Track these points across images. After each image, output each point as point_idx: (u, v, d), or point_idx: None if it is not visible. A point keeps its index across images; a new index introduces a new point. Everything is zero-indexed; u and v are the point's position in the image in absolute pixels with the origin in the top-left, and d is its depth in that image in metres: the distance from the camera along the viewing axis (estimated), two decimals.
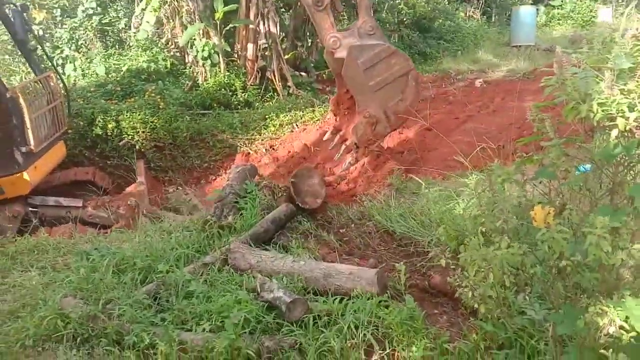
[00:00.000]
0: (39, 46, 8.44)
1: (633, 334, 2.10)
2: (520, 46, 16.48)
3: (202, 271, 4.24)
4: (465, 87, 11.95)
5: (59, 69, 11.80)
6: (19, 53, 11.99)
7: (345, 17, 14.02)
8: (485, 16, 20.45)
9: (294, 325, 3.47)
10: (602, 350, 2.16)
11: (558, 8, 22.15)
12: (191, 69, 11.85)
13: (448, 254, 3.11)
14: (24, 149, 6.71)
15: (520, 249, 2.42)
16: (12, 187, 6.69)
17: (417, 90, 6.51)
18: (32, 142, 6.78)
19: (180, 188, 7.52)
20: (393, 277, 4.14)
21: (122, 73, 11.35)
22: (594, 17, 20.53)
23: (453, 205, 4.80)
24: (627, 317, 2.07)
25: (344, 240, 5.22)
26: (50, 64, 9.88)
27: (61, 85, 8.27)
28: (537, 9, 19.55)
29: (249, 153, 9.83)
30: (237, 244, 4.51)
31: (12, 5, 7.46)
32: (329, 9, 6.11)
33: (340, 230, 5.47)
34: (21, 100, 6.67)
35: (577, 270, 2.33)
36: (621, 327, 2.10)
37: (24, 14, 7.53)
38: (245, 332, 3.43)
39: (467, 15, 19.70)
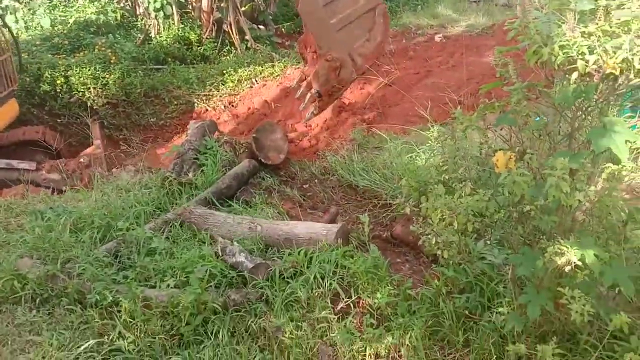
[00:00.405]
0: None
1: (587, 271, 2.20)
2: (479, 1, 16.49)
3: (163, 228, 4.16)
4: (425, 42, 11.92)
5: None
6: None
7: None
8: None
9: None
10: (558, 289, 2.26)
11: None
12: (143, 21, 11.27)
13: (411, 203, 3.15)
14: None
15: (485, 196, 2.47)
16: None
17: (386, 27, 5.86)
18: None
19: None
20: (357, 229, 4.20)
21: (68, 25, 10.67)
22: None
23: (415, 157, 4.86)
24: (582, 256, 2.16)
25: (308, 196, 5.23)
26: None
27: (7, 37, 7.62)
28: None
29: (206, 110, 9.57)
30: (195, 206, 4.38)
31: None
32: None
33: (304, 186, 5.47)
34: None
35: (537, 214, 2.41)
36: (576, 266, 2.20)
37: None
38: (210, 287, 3.42)
39: None
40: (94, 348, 3.07)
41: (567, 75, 2.37)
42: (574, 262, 2.16)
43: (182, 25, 10.90)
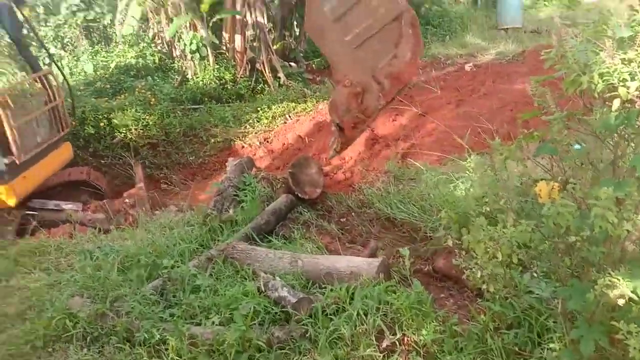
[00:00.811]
0: (34, 42, 8.05)
1: None
2: (507, 29, 16.48)
3: (207, 265, 4.25)
4: (456, 72, 11.96)
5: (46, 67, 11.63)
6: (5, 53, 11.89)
7: None
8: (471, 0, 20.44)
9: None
10: (612, 322, 2.20)
11: None
12: (180, 63, 11.76)
13: (453, 236, 3.13)
14: (5, 161, 6.24)
15: (529, 226, 2.45)
16: None
17: (417, 39, 4.62)
18: (15, 152, 6.26)
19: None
20: (397, 263, 4.18)
21: (110, 70, 11.24)
22: None
23: (453, 188, 4.84)
24: (635, 288, 2.11)
25: (346, 229, 5.24)
26: (51, 61, 9.23)
27: (59, 83, 7.84)
28: None
29: (243, 146, 9.81)
30: (237, 242, 4.47)
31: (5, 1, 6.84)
32: None
33: (341, 220, 5.49)
34: None
35: (584, 245, 2.37)
36: (630, 299, 2.14)
37: (17, 8, 6.92)
38: (254, 324, 3.45)
39: None
40: None
41: (607, 103, 2.36)
42: (627, 295, 2.10)
43: (217, 66, 11.31)
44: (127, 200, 6.87)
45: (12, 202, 6.42)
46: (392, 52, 4.64)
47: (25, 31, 7.36)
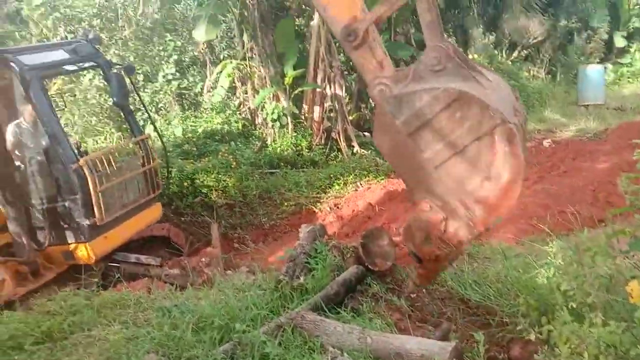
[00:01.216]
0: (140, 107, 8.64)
1: None
2: (588, 105, 16.07)
3: (276, 333, 4.29)
4: (533, 148, 11.73)
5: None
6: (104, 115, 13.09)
7: None
8: (549, 75, 20.20)
9: None
10: None
11: (627, 65, 21.56)
12: (261, 130, 12.46)
13: (536, 330, 2.99)
14: (87, 222, 6.59)
15: (619, 328, 2.33)
16: (76, 255, 6.78)
17: (517, 159, 3.45)
18: (97, 215, 6.62)
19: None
20: (471, 349, 4.01)
21: (197, 134, 12.09)
22: None
23: (534, 274, 4.65)
24: None
25: (416, 306, 5.12)
26: (152, 124, 10.03)
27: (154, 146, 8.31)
28: (605, 67, 19.13)
29: (314, 211, 10.02)
30: (306, 311, 4.51)
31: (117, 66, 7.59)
32: (373, 43, 3.70)
33: (412, 295, 5.39)
34: (86, 173, 6.50)
35: None
36: None
37: (127, 76, 7.56)
38: None
39: (531, 74, 19.56)
40: None
41: None
42: None
43: (295, 134, 11.86)
44: (203, 259, 7.15)
45: (90, 260, 6.80)
46: (483, 173, 3.61)
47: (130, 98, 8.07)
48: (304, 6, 13.24)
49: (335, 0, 3.68)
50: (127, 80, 7.67)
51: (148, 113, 9.59)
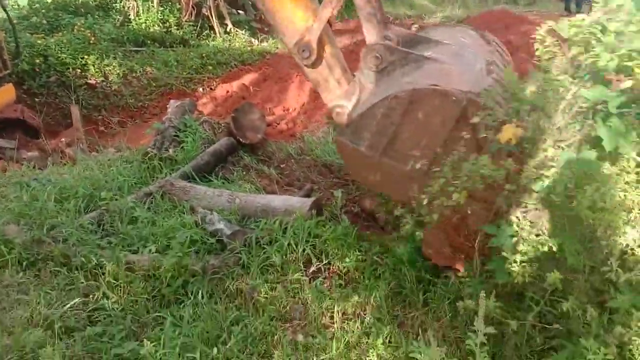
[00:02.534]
0: None
1: None
2: None
3: (145, 199, 4.35)
4: None
5: None
6: None
7: None
8: None
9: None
10: None
11: None
12: (122, 3, 11.27)
13: None
14: None
15: None
16: None
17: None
18: None
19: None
20: (330, 204, 4.46)
21: (46, 4, 10.61)
22: None
23: None
24: None
25: (285, 174, 5.45)
26: None
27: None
28: None
29: (185, 92, 9.68)
30: (176, 179, 4.58)
31: None
32: (332, 60, 3.36)
33: (281, 165, 5.69)
34: None
35: None
36: None
37: None
38: (191, 251, 3.64)
39: None
40: (80, 306, 3.26)
41: None
42: None
43: (162, 8, 10.96)
44: (63, 140, 6.72)
45: None
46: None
47: None
48: None
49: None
50: None
51: None
